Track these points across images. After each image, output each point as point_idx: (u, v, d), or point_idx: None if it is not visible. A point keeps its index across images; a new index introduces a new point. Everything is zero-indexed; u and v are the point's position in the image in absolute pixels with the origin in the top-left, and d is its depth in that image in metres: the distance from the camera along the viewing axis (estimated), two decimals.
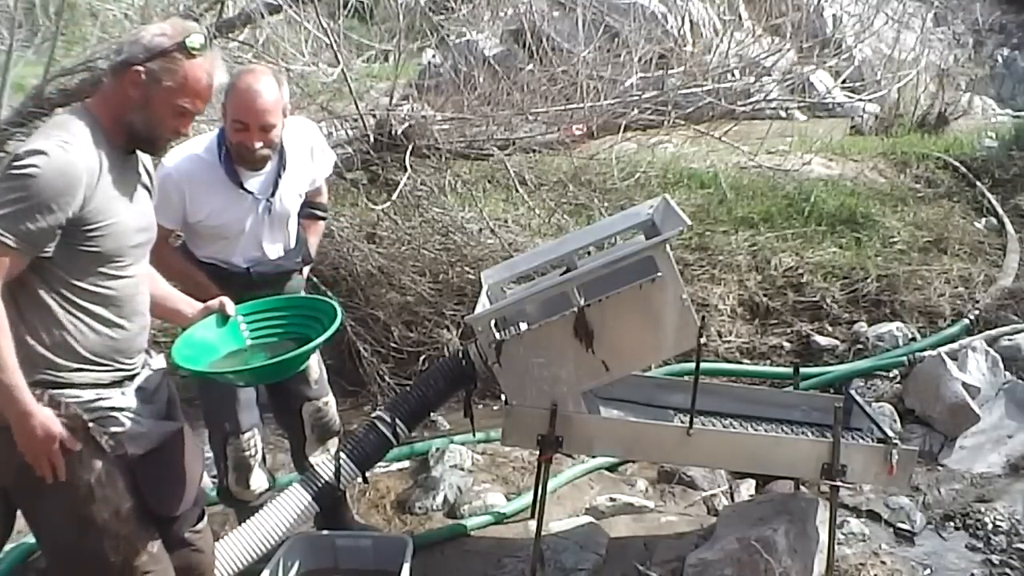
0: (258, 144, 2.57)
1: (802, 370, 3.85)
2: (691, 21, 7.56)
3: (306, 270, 3.05)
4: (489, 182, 5.19)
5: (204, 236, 2.74)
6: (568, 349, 2.60)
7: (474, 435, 3.26)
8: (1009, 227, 5.73)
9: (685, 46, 6.61)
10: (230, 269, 2.73)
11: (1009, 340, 4.34)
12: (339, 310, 2.16)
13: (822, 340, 4.59)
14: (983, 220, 5.95)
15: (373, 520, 3.24)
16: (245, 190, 2.69)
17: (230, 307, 2.23)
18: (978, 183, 6.34)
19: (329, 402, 2.98)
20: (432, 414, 3.52)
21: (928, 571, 3.07)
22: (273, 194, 2.72)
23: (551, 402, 2.64)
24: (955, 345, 4.24)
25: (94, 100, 1.99)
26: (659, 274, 2.56)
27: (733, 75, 5.81)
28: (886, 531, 3.30)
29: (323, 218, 3.13)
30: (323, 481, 2.68)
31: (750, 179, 5.98)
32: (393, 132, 4.43)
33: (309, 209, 2.99)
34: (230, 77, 2.58)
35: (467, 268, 4.47)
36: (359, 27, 6.33)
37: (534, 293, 2.81)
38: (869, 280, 4.89)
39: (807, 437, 2.90)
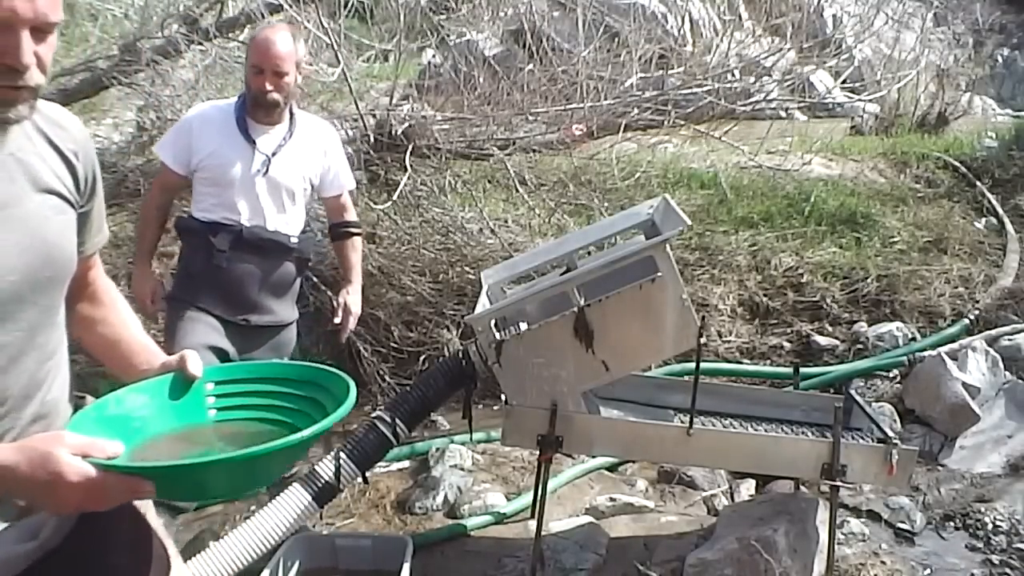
0: (270, 87, 2.80)
1: (802, 370, 3.85)
2: (691, 21, 7.57)
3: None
4: (489, 182, 5.19)
5: (204, 183, 2.88)
6: (568, 349, 2.60)
7: (471, 438, 3.26)
8: (1009, 227, 5.72)
9: (685, 46, 6.63)
10: (225, 225, 2.84)
11: (1009, 340, 4.34)
12: (352, 390, 1.39)
13: (822, 340, 4.59)
14: (983, 220, 5.95)
15: (373, 520, 3.24)
16: (250, 140, 2.86)
17: (194, 365, 1.45)
18: (978, 183, 6.34)
19: None
20: (432, 414, 3.52)
21: (928, 571, 3.07)
22: (275, 154, 2.88)
23: (551, 402, 2.63)
24: (955, 345, 4.23)
25: None
26: (659, 274, 2.56)
27: (733, 75, 5.82)
28: (886, 531, 3.30)
29: (357, 233, 3.22)
30: (323, 481, 2.68)
31: (750, 179, 5.98)
32: (393, 132, 4.44)
33: (341, 228, 3.15)
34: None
35: (467, 268, 4.47)
36: (359, 27, 6.33)
37: (534, 293, 2.81)
38: (869, 280, 4.89)
39: (807, 437, 2.90)
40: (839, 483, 2.67)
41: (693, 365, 2.74)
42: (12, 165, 1.27)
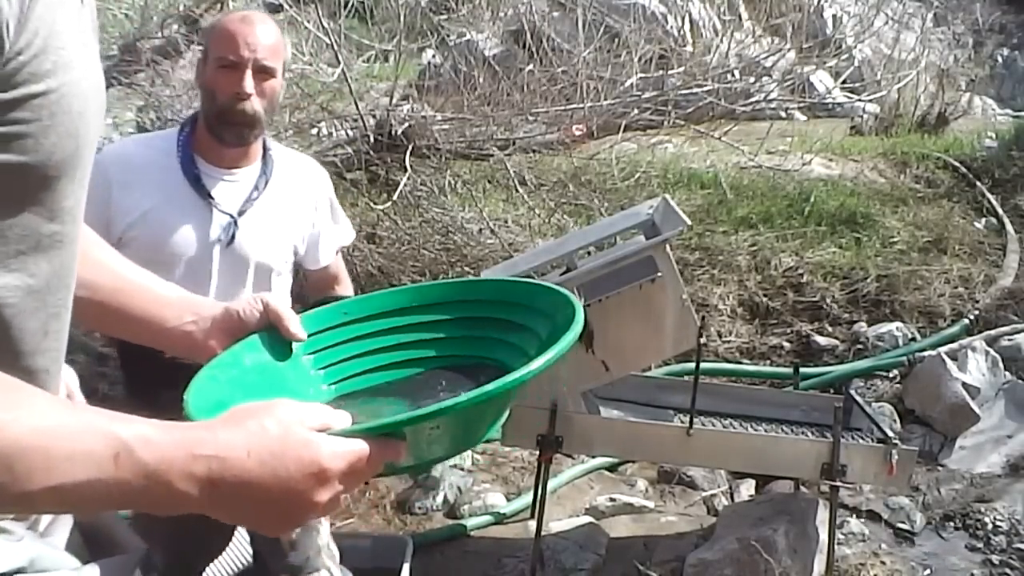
0: (249, 88, 1.89)
1: (802, 370, 3.85)
2: (691, 21, 7.57)
3: None
4: (489, 182, 5.19)
5: (133, 261, 1.71)
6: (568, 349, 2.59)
7: None
8: (1009, 227, 5.72)
9: (685, 46, 6.63)
10: None
11: (1009, 340, 4.34)
12: (577, 306, 0.99)
13: (822, 340, 4.59)
14: (983, 220, 5.95)
15: (373, 520, 3.24)
16: (205, 194, 1.95)
17: (293, 319, 1.04)
18: (978, 183, 6.34)
19: None
20: None
21: (928, 571, 3.07)
22: (243, 212, 1.97)
23: (551, 402, 2.63)
24: (955, 345, 4.23)
25: None
26: (659, 274, 2.56)
27: (733, 75, 5.82)
28: (886, 531, 3.30)
29: None
30: None
31: (750, 179, 5.98)
32: (393, 132, 4.44)
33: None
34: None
35: (467, 268, 4.47)
36: (359, 27, 6.33)
37: None
38: (869, 280, 4.89)
39: (807, 437, 2.90)
40: (839, 483, 2.67)
41: (693, 365, 2.75)
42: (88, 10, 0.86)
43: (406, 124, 4.48)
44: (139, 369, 1.91)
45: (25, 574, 0.80)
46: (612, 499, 3.27)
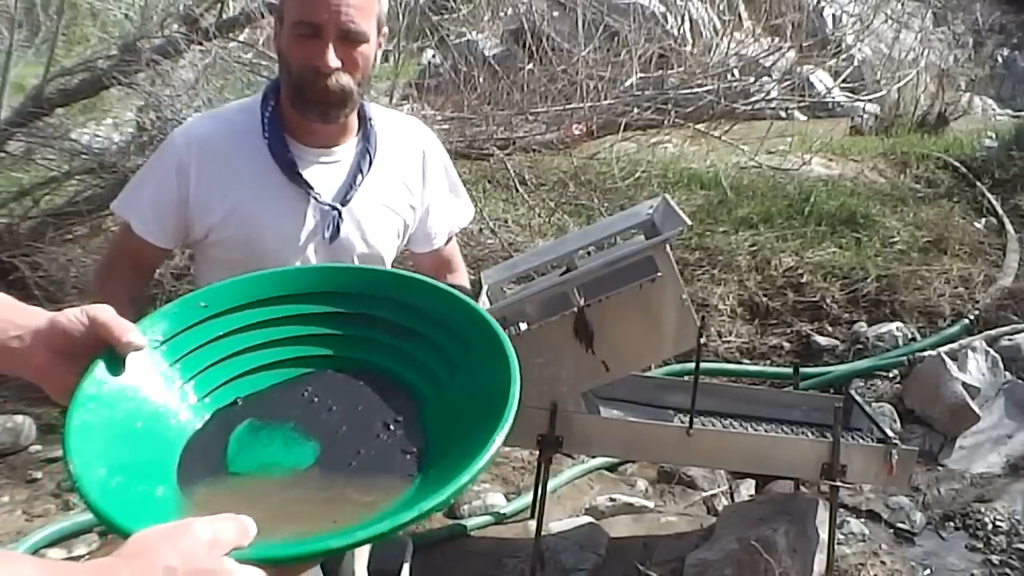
0: (334, 63, 1.52)
1: (802, 370, 3.85)
2: (691, 21, 7.56)
3: None
4: (489, 182, 5.20)
5: (217, 264, 1.66)
6: (568, 349, 2.60)
7: None
8: (1009, 227, 5.73)
9: (685, 46, 6.62)
10: None
11: (1009, 340, 4.34)
12: (504, 341, 0.90)
13: (822, 340, 4.59)
14: (983, 220, 5.95)
15: None
16: (302, 183, 1.63)
17: (123, 328, 0.88)
18: (978, 183, 6.34)
19: None
20: None
21: (928, 571, 3.07)
22: (347, 201, 1.66)
23: (551, 402, 2.63)
24: (955, 345, 4.24)
25: None
26: (659, 274, 2.55)
27: (733, 75, 5.82)
28: (886, 531, 3.30)
29: None
30: None
31: (750, 179, 5.99)
32: None
33: None
34: None
35: (467, 268, 4.47)
36: None
37: (534, 293, 2.80)
38: (869, 280, 4.89)
39: (807, 437, 2.90)
40: (839, 483, 2.67)
41: (693, 365, 2.74)
42: None
43: None
44: None
45: None
46: (612, 499, 3.27)
